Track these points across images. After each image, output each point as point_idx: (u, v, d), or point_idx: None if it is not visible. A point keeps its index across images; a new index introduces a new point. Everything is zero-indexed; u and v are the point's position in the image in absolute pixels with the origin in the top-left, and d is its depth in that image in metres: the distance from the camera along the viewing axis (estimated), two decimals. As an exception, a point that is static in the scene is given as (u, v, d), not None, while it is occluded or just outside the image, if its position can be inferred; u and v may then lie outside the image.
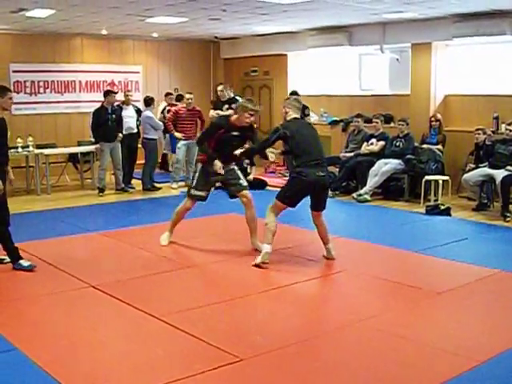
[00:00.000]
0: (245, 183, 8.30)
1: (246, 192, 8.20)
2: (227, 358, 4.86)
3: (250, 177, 12.69)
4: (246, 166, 12.56)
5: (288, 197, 7.63)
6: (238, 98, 13.40)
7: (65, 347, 5.19)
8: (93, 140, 12.99)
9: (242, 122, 7.86)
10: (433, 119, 12.24)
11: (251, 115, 7.85)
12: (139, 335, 5.50)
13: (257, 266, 7.40)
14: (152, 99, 13.28)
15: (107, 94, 12.54)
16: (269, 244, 7.50)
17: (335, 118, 14.39)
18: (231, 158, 8.11)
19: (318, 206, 7.67)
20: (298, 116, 7.71)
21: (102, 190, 12.45)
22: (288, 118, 7.68)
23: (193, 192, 8.18)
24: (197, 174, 8.15)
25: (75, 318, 5.88)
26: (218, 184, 9.37)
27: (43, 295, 6.50)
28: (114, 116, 12.29)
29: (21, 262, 7.33)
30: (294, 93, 13.50)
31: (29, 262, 7.36)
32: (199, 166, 8.22)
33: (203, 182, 8.12)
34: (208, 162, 7.95)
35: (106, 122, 12.22)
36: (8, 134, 7.44)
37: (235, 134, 7.93)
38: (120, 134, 12.41)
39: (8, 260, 7.53)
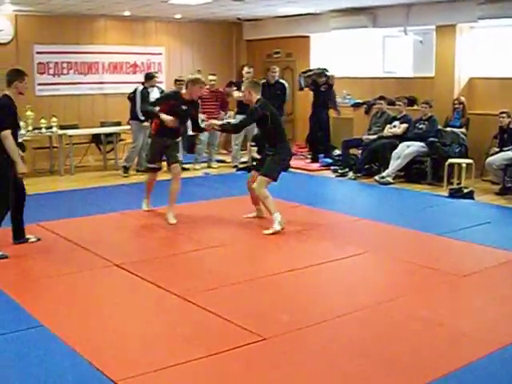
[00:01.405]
0: (180, 158, 9.15)
1: (176, 165, 8.78)
2: (251, 337, 4.89)
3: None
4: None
5: (279, 172, 8.34)
6: (282, 81, 13.45)
7: (89, 325, 5.25)
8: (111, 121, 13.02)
9: (194, 94, 8.57)
10: (456, 102, 12.14)
11: (201, 88, 8.71)
12: (163, 314, 5.55)
13: (275, 233, 7.92)
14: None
15: (151, 76, 12.68)
16: (277, 211, 8.10)
17: (358, 101, 14.33)
18: (177, 131, 8.76)
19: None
20: (259, 96, 8.32)
21: (127, 169, 12.51)
22: (254, 100, 8.27)
23: (148, 165, 9.11)
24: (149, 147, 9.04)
25: (99, 296, 5.95)
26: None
27: (68, 273, 6.56)
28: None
29: None
30: (323, 72, 13.49)
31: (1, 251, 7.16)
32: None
33: (154, 153, 8.93)
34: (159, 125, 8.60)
35: (148, 103, 12.30)
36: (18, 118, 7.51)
37: (184, 107, 8.52)
38: None
39: (34, 239, 7.60)
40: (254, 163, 8.89)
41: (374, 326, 5.24)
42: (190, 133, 12.93)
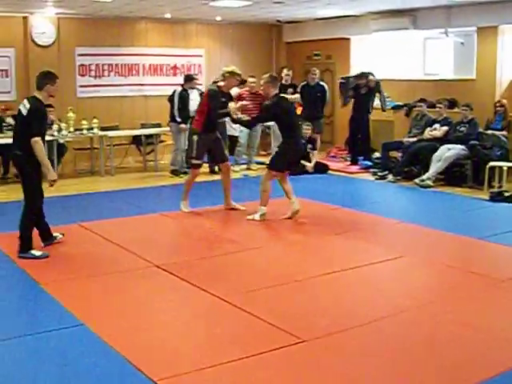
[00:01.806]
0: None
1: (227, 163, 9.50)
2: (290, 339, 4.90)
3: (312, 162, 12.68)
4: (308, 150, 12.56)
5: (283, 164, 8.79)
6: (323, 83, 13.46)
7: (129, 324, 5.31)
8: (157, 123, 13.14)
9: (230, 86, 9.12)
10: (498, 104, 12.03)
11: (237, 80, 9.25)
12: (202, 314, 5.58)
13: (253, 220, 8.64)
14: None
15: (191, 77, 12.84)
16: (265, 207, 8.75)
17: (398, 103, 14.26)
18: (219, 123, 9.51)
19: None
20: (277, 91, 8.86)
21: (176, 171, 12.60)
22: (271, 95, 8.72)
23: (193, 161, 9.28)
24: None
25: (139, 297, 5.98)
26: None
27: (108, 274, 6.63)
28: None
29: (32, 251, 7.16)
30: (363, 74, 13.46)
31: (41, 251, 7.22)
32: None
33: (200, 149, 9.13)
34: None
35: (187, 106, 12.41)
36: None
37: (223, 99, 8.94)
38: None
39: (60, 236, 7.64)
40: None
41: (415, 328, 5.21)
42: (229, 132, 13.05)
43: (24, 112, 6.98)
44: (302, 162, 12.38)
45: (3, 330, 5.22)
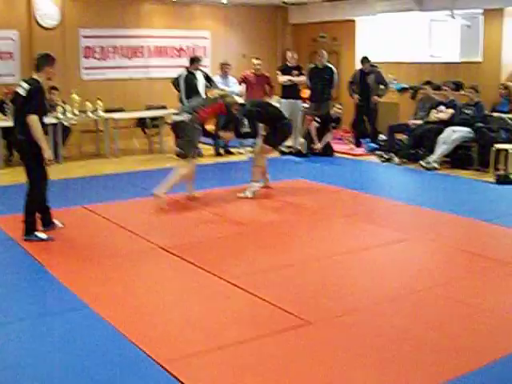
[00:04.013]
0: None
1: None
2: (295, 321, 4.91)
3: (324, 142, 12.69)
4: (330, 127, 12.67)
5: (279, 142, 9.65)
6: (331, 66, 13.40)
7: (134, 306, 5.32)
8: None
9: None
10: (502, 87, 11.98)
11: None
12: (208, 296, 5.58)
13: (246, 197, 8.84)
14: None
15: (196, 59, 12.72)
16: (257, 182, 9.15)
17: (404, 85, 14.21)
18: None
19: None
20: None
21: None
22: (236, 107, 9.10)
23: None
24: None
25: (143, 279, 6.01)
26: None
27: (113, 255, 6.64)
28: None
29: (37, 233, 7.17)
30: (365, 59, 13.40)
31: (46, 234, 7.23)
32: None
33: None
34: None
35: (195, 87, 12.38)
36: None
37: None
38: None
39: (61, 226, 7.57)
40: None
41: (420, 310, 5.21)
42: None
43: (23, 93, 6.92)
44: (314, 136, 12.49)
45: (8, 313, 5.25)
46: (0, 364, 4.37)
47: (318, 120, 12.57)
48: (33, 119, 6.85)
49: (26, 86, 6.95)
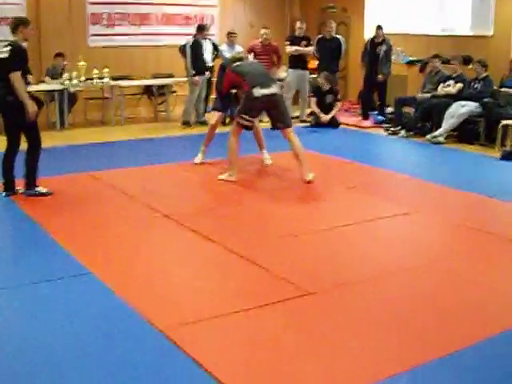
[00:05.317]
0: None
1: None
2: (297, 291, 4.92)
3: (331, 114, 12.64)
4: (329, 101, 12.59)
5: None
6: (339, 37, 13.32)
7: (137, 273, 5.34)
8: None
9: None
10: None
11: None
12: (210, 265, 5.61)
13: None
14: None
15: (204, 27, 12.70)
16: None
17: (412, 58, 14.12)
18: None
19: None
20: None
21: (188, 123, 12.56)
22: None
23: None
24: None
25: (147, 246, 6.01)
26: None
27: (116, 223, 6.66)
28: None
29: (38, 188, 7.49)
30: (379, 27, 13.26)
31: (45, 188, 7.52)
32: None
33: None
34: None
35: (202, 55, 12.32)
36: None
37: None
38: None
39: (22, 191, 7.55)
40: None
41: (421, 285, 5.21)
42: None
43: (5, 55, 7.08)
44: (318, 113, 12.43)
45: (10, 278, 5.28)
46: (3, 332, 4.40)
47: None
48: (16, 77, 7.05)
49: (6, 48, 7.13)
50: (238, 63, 8.62)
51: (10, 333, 4.35)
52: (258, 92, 8.00)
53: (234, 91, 8.77)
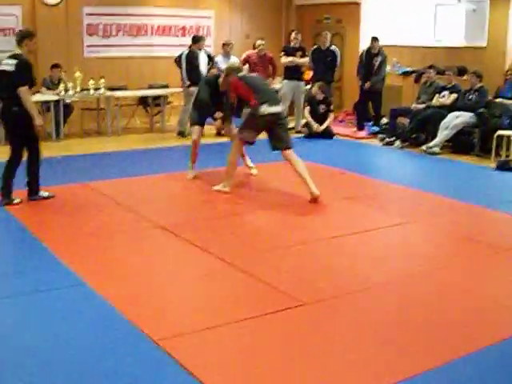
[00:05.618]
0: None
1: None
2: (290, 301, 4.92)
3: (325, 124, 12.64)
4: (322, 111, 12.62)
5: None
6: (334, 47, 13.38)
7: (132, 284, 5.33)
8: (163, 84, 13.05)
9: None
10: (508, 73, 11.90)
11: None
12: (204, 276, 5.60)
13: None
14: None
15: (199, 38, 12.71)
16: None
17: (407, 69, 14.16)
18: None
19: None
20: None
21: (183, 133, 12.55)
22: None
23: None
24: None
25: (142, 257, 6.01)
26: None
27: (112, 233, 6.65)
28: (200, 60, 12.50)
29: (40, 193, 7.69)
30: (375, 39, 13.29)
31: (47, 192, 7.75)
32: None
33: None
34: None
35: (197, 66, 12.34)
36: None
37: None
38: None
39: (18, 201, 7.55)
40: None
41: (416, 294, 5.23)
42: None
43: (11, 68, 7.23)
44: (310, 121, 12.45)
45: (5, 288, 5.26)
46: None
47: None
48: (24, 91, 7.23)
49: (12, 61, 7.27)
50: (243, 73, 8.62)
51: (5, 343, 4.34)
52: (266, 110, 7.84)
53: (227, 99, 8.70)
